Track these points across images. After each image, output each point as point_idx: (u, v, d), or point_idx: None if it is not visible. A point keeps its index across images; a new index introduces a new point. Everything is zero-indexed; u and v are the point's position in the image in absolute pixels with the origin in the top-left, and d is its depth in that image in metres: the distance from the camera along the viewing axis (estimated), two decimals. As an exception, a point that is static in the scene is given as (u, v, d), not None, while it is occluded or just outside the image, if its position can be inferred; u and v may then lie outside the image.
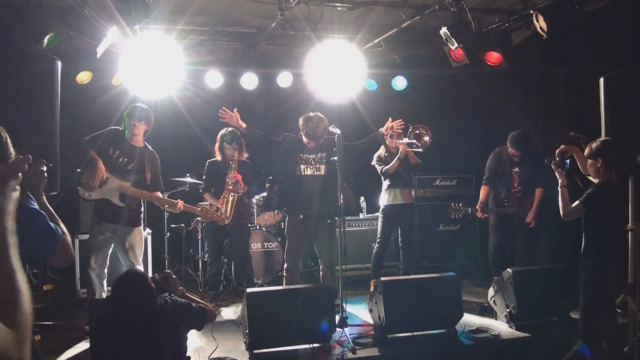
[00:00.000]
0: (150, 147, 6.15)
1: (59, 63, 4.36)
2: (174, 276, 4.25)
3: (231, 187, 6.55)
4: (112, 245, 5.85)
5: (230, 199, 6.57)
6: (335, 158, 5.89)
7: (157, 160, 6.17)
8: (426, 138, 6.91)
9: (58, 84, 4.35)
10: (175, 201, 6.00)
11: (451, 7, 6.30)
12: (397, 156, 6.95)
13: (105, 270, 5.81)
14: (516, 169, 6.94)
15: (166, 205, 6.27)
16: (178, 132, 8.52)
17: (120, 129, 5.98)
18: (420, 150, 6.90)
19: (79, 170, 5.71)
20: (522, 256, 6.91)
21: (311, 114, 6.41)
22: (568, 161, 4.91)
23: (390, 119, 6.54)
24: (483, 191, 7.06)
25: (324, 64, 7.63)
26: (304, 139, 6.41)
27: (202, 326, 4.17)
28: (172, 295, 4.07)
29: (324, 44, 7.50)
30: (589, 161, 4.64)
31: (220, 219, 6.22)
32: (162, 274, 4.25)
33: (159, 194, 6.11)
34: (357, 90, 8.47)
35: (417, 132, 6.93)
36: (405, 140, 6.93)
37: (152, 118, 6.08)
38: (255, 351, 5.19)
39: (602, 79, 5.20)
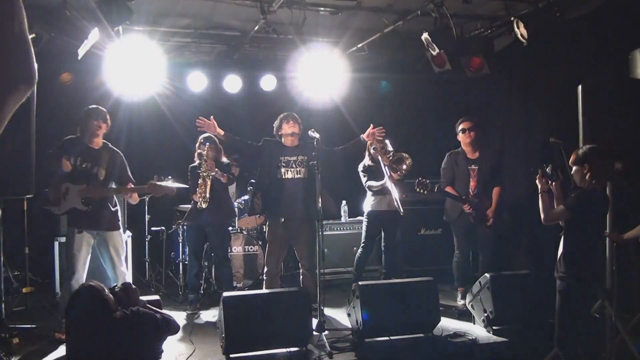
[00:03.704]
0: (110, 145, 6.09)
1: (36, 65, 4.34)
2: (133, 287, 4.21)
3: (203, 169, 6.57)
4: (90, 251, 5.88)
5: (204, 182, 6.59)
6: (315, 162, 5.90)
7: (117, 156, 6.09)
8: (404, 166, 6.86)
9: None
10: (125, 188, 5.96)
11: (432, 12, 6.31)
12: (383, 183, 6.89)
13: (85, 275, 5.80)
14: (472, 167, 6.98)
15: (127, 196, 6.14)
16: (160, 134, 8.51)
17: (74, 136, 5.94)
18: (398, 179, 6.92)
19: (45, 190, 5.80)
20: (486, 263, 6.93)
21: (286, 113, 6.60)
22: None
23: (371, 125, 6.58)
24: (450, 189, 7.04)
25: (308, 67, 7.64)
26: (283, 140, 6.47)
27: (164, 338, 4.12)
28: (135, 306, 4.03)
29: (308, 47, 7.50)
30: (575, 167, 4.63)
31: (170, 190, 6.01)
32: (122, 285, 4.22)
33: (130, 186, 6.07)
34: (341, 94, 8.49)
35: (398, 157, 6.90)
36: (387, 164, 6.88)
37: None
38: (231, 355, 5.20)
39: (579, 86, 5.23)
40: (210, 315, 6.78)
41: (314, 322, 5.57)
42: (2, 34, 1.12)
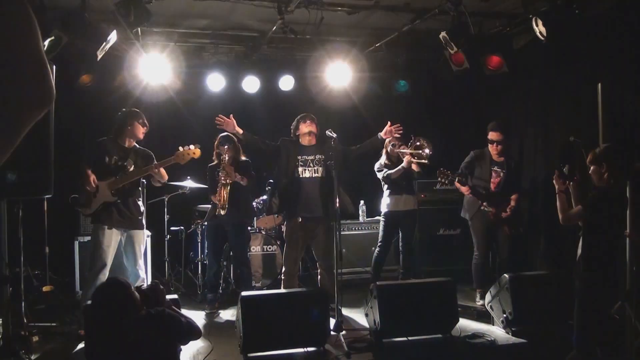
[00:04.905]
0: (141, 147, 6.32)
1: (54, 67, 4.39)
2: (161, 287, 4.22)
3: (221, 175, 6.57)
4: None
5: (223, 189, 6.58)
6: (332, 162, 5.90)
7: (147, 153, 6.32)
8: (427, 150, 6.87)
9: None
10: (151, 165, 6.09)
11: (450, 11, 6.28)
12: (402, 165, 6.90)
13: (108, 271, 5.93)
14: (495, 168, 6.97)
15: (155, 172, 6.15)
16: (180, 134, 8.52)
17: (106, 138, 6.14)
18: (426, 162, 6.88)
19: (74, 196, 5.94)
20: (503, 263, 6.92)
21: (303, 114, 6.64)
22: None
23: (389, 122, 6.58)
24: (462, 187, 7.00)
25: (326, 67, 7.64)
26: (300, 139, 6.49)
27: (186, 342, 4.09)
28: (162, 307, 4.00)
29: (326, 47, 7.51)
30: (592, 167, 4.59)
31: (195, 152, 6.06)
32: (150, 284, 4.22)
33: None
34: (359, 94, 8.49)
35: (418, 143, 6.90)
36: (409, 150, 6.88)
37: None
38: (249, 354, 5.21)
39: (599, 85, 5.18)
40: (228, 314, 6.81)
41: (332, 322, 5.58)
42: (21, 55, 1.11)
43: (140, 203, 6.24)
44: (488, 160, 7.00)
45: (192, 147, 6.04)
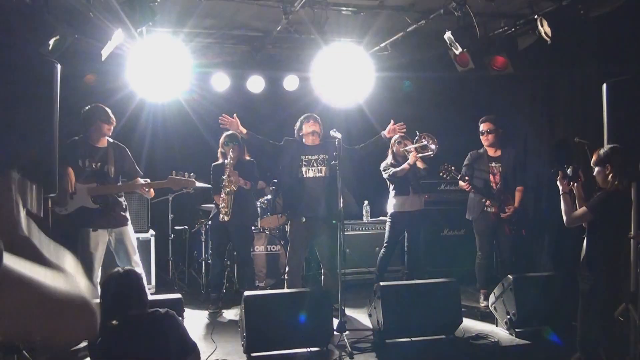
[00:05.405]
0: (113, 141, 6.15)
1: (59, 66, 4.38)
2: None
3: (226, 183, 6.56)
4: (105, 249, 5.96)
5: (227, 196, 6.57)
6: (336, 162, 5.89)
7: (123, 151, 6.18)
8: (433, 146, 6.89)
9: (57, 87, 4.37)
10: (141, 183, 6.02)
11: (455, 11, 6.27)
12: (407, 162, 6.89)
13: (100, 274, 5.86)
14: (494, 164, 6.96)
15: (143, 190, 6.12)
16: (185, 134, 8.56)
17: (78, 138, 6.00)
18: (431, 154, 6.89)
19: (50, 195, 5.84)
20: (504, 264, 6.91)
21: (306, 114, 6.68)
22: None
23: (392, 121, 6.58)
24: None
25: (331, 67, 7.63)
26: (304, 139, 6.49)
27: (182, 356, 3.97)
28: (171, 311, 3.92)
29: (331, 47, 7.50)
30: (597, 168, 4.57)
31: (187, 184, 6.01)
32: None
33: (139, 180, 6.11)
34: (364, 94, 8.46)
35: (424, 140, 6.91)
36: (414, 146, 6.91)
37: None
38: (252, 354, 5.22)
39: (604, 85, 5.16)
40: (232, 314, 6.82)
41: (335, 322, 5.59)
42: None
43: (121, 199, 6.09)
44: (485, 157, 7.01)
45: (186, 175, 5.99)
